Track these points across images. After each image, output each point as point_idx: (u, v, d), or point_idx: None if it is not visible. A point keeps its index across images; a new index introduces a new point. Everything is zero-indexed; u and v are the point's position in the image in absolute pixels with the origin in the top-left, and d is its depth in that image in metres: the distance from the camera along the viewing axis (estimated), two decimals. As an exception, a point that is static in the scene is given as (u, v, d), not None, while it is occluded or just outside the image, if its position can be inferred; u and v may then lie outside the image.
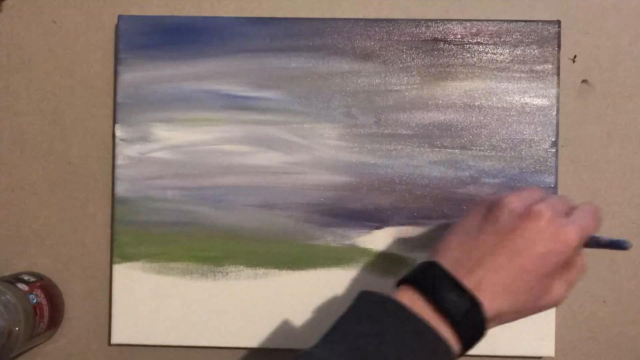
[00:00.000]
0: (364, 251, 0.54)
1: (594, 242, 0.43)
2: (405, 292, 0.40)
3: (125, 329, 0.54)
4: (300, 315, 0.54)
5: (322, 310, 0.54)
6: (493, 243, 0.40)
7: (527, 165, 0.53)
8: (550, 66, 0.54)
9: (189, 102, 0.55)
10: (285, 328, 0.54)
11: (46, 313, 0.53)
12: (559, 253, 0.40)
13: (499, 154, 0.54)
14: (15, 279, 0.53)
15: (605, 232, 0.55)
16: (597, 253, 0.55)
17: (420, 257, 0.54)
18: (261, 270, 0.54)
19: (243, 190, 0.54)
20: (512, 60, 0.54)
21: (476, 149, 0.54)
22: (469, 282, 0.39)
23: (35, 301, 0.52)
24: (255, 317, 0.54)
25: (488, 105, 0.54)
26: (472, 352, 0.53)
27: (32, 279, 0.54)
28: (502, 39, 0.54)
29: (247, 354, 0.55)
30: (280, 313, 0.54)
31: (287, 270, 0.54)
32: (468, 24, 0.54)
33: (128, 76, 0.55)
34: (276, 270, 0.54)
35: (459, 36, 0.54)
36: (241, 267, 0.54)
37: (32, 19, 0.57)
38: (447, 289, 0.39)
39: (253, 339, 0.54)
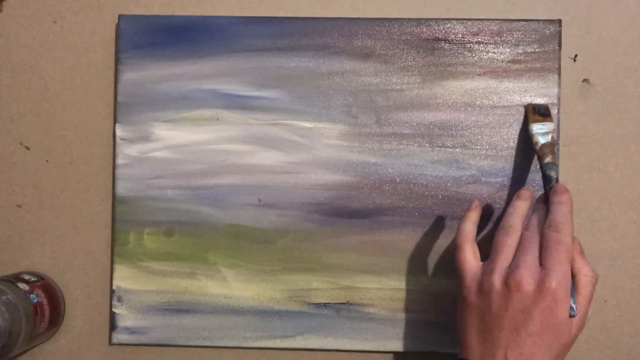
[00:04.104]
0: (364, 251, 0.54)
1: None
2: None
3: (125, 329, 0.54)
4: (300, 315, 0.54)
5: (321, 310, 0.54)
6: (512, 334, 0.44)
7: (528, 164, 0.53)
8: (551, 65, 0.54)
9: (189, 101, 0.55)
10: (285, 328, 0.54)
11: (47, 313, 0.53)
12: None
13: (500, 153, 0.54)
14: (16, 278, 0.53)
15: (606, 232, 0.55)
16: (597, 253, 0.55)
17: (420, 260, 0.54)
18: (261, 270, 0.54)
19: (243, 189, 0.54)
20: (512, 60, 0.54)
21: (477, 148, 0.54)
22: None
23: (35, 301, 0.52)
24: (255, 317, 0.54)
25: (489, 104, 0.54)
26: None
27: (33, 279, 0.53)
28: (502, 38, 0.54)
29: (248, 354, 0.55)
30: (281, 313, 0.54)
31: (287, 270, 0.54)
32: (469, 23, 0.54)
33: (128, 75, 0.55)
34: (277, 270, 0.54)
35: (460, 35, 0.54)
36: (241, 266, 0.54)
37: (32, 19, 0.57)
38: None
39: (253, 339, 0.54)
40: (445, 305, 0.54)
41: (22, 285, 0.52)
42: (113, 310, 0.54)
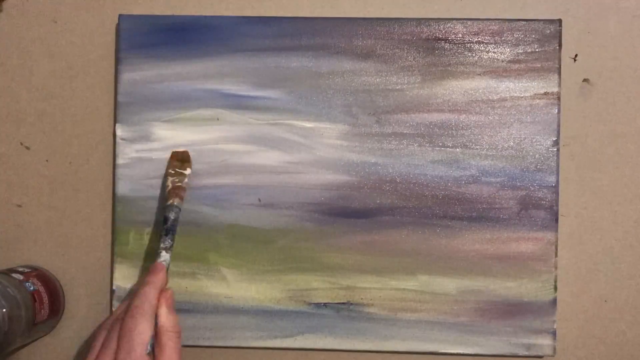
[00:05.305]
0: (364, 251, 0.54)
1: None
2: None
3: (126, 329, 0.54)
4: (300, 315, 0.54)
5: (321, 310, 0.54)
6: None
7: (528, 164, 0.53)
8: (551, 65, 0.54)
9: (189, 101, 0.55)
10: (285, 328, 0.54)
11: (45, 300, 0.52)
12: None
13: (500, 153, 0.54)
14: (9, 270, 0.53)
15: (607, 232, 0.55)
16: (597, 253, 0.55)
17: (420, 260, 0.54)
18: (261, 270, 0.54)
19: (244, 189, 0.54)
20: (513, 59, 0.54)
21: (477, 148, 0.54)
22: None
23: (32, 288, 0.52)
24: (255, 317, 0.54)
25: (489, 104, 0.54)
26: (472, 351, 0.53)
27: (27, 270, 0.54)
28: (503, 38, 0.54)
29: (248, 354, 0.55)
30: (281, 313, 0.54)
31: (287, 270, 0.54)
32: (469, 22, 0.54)
33: (129, 75, 0.55)
34: (277, 270, 0.54)
35: (460, 35, 0.54)
36: (241, 266, 0.54)
37: (32, 19, 0.57)
38: None
39: (253, 339, 0.54)
40: (445, 305, 0.54)
41: (16, 276, 0.52)
42: (113, 310, 0.54)
